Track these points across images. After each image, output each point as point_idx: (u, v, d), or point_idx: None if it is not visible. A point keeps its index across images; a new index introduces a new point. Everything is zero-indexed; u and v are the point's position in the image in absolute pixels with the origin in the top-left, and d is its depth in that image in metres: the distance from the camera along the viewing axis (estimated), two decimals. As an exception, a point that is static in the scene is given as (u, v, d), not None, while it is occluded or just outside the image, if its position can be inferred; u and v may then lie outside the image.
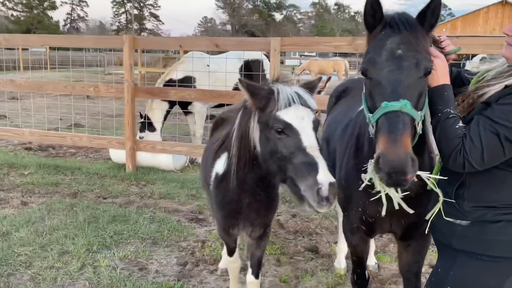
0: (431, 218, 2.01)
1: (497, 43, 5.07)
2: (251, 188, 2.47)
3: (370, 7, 1.91)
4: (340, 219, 3.95)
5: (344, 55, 29.77)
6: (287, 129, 2.03)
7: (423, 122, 1.92)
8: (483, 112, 1.76)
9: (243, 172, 2.37)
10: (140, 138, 6.93)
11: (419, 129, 1.83)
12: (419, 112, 1.81)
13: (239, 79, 2.15)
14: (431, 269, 3.80)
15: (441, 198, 1.94)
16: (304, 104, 2.12)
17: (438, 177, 1.96)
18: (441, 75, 1.88)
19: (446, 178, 1.93)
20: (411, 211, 2.02)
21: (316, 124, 2.11)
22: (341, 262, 3.82)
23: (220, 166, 2.66)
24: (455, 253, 1.90)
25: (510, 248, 1.77)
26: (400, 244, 2.57)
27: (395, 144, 1.67)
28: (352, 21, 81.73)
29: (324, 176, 1.87)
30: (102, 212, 4.89)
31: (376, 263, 3.90)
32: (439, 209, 1.95)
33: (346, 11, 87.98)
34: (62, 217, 4.77)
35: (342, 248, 3.86)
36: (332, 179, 1.87)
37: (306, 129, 2.03)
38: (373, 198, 2.07)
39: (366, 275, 2.75)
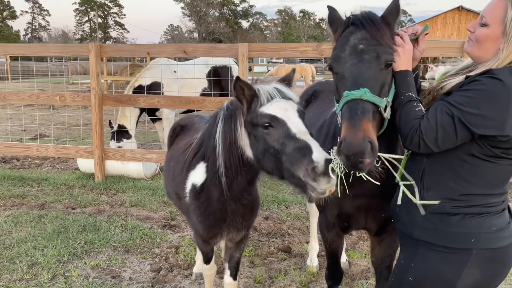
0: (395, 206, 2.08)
1: (453, 47, 5.35)
2: (238, 194, 2.49)
3: (331, 14, 2.16)
4: (312, 219, 4.06)
5: (310, 61, 30.33)
6: (273, 121, 2.07)
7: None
8: (444, 98, 1.87)
9: (234, 180, 2.38)
10: (119, 147, 6.86)
11: (386, 114, 1.95)
12: (384, 98, 1.92)
13: (237, 78, 2.15)
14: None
15: (401, 182, 2.01)
16: (285, 97, 2.19)
17: (396, 156, 2.06)
18: (404, 61, 2.00)
19: (401, 156, 2.05)
20: (347, 192, 2.15)
21: (301, 113, 2.15)
22: (313, 260, 3.91)
23: (197, 176, 2.61)
24: (416, 244, 1.96)
25: (467, 240, 1.83)
26: (374, 239, 2.63)
27: (354, 128, 1.77)
28: (317, 27, 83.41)
29: (319, 154, 1.87)
30: (72, 222, 4.80)
31: (346, 260, 4.01)
32: (405, 196, 2.00)
33: (311, 18, 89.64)
34: (30, 229, 4.66)
35: (314, 247, 3.96)
36: (328, 156, 1.88)
37: (292, 118, 2.08)
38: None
39: (341, 270, 2.82)
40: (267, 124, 2.07)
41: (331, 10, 2.19)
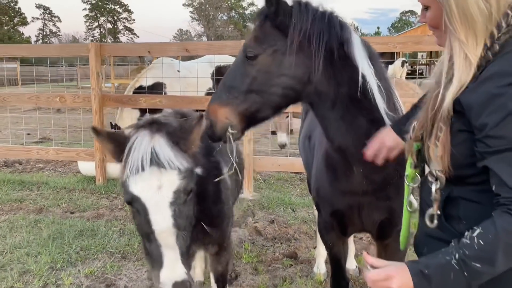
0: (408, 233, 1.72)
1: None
2: None
3: None
4: (318, 222, 3.83)
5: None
6: (136, 203, 1.63)
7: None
8: (482, 139, 1.28)
9: None
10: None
11: None
12: None
13: (93, 128, 1.74)
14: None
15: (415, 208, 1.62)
16: (164, 165, 1.63)
17: None
18: None
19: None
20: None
21: (180, 194, 1.65)
22: (321, 267, 3.66)
23: None
24: None
25: None
26: (378, 244, 2.47)
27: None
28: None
29: (168, 275, 1.56)
30: (69, 227, 4.61)
31: (356, 267, 3.75)
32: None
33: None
34: (25, 234, 4.47)
35: (321, 253, 3.70)
36: (179, 277, 1.56)
37: (159, 205, 1.60)
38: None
39: (346, 278, 2.61)
40: (130, 203, 1.67)
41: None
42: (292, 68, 1.87)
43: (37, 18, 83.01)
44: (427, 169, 1.55)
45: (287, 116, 6.58)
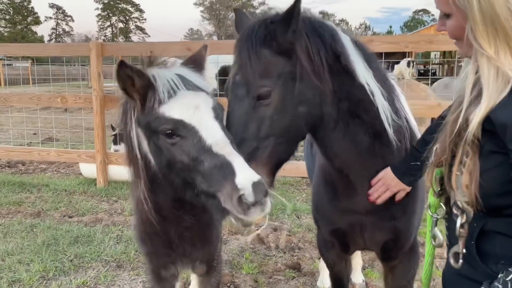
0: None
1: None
2: (171, 214, 1.87)
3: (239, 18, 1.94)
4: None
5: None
6: (179, 128, 1.53)
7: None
8: None
9: (151, 194, 1.78)
10: (115, 151, 6.52)
11: None
12: None
13: (121, 63, 1.58)
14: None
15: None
16: (194, 87, 1.62)
17: None
18: None
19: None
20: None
21: (218, 111, 1.61)
22: (325, 281, 3.43)
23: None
24: None
25: None
26: (385, 266, 2.27)
27: None
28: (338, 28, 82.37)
29: (244, 177, 1.42)
30: (64, 232, 4.45)
31: (363, 281, 3.52)
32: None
33: (331, 19, 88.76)
34: (19, 240, 4.33)
35: (326, 266, 3.48)
36: (256, 177, 1.42)
37: (205, 121, 1.54)
38: None
39: None
40: (170, 132, 1.54)
41: (239, 13, 1.90)
42: (305, 92, 1.62)
43: (50, 18, 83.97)
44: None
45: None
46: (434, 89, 8.51)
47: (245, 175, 1.42)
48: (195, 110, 1.54)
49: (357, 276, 3.46)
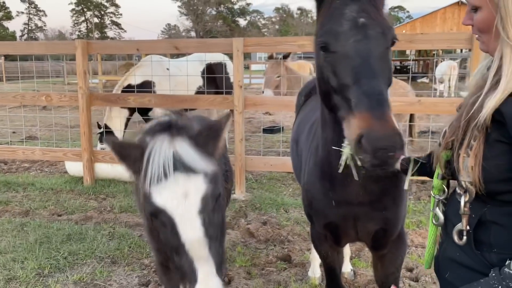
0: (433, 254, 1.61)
1: (462, 38, 5.02)
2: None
3: None
4: (313, 224, 3.76)
5: (308, 58, 29.99)
6: (161, 215, 1.50)
7: None
8: None
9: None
10: (102, 149, 6.53)
11: None
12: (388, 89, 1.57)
13: (107, 139, 1.63)
14: (408, 272, 3.66)
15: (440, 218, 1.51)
16: (189, 170, 1.50)
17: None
18: None
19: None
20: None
21: (208, 201, 1.52)
22: (315, 271, 3.60)
23: None
24: None
25: None
26: (374, 255, 2.40)
27: (381, 119, 1.39)
28: (315, 25, 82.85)
29: None
30: (56, 230, 4.48)
31: (351, 270, 3.69)
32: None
33: (309, 15, 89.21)
34: (11, 238, 4.34)
35: (316, 256, 3.63)
36: None
37: (187, 216, 1.47)
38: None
39: (342, 287, 2.54)
40: (154, 216, 1.54)
41: None
42: None
43: (22, 12, 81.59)
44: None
45: (278, 76, 6.42)
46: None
47: (206, 286, 1.42)
48: (180, 200, 1.48)
49: (345, 266, 3.62)
